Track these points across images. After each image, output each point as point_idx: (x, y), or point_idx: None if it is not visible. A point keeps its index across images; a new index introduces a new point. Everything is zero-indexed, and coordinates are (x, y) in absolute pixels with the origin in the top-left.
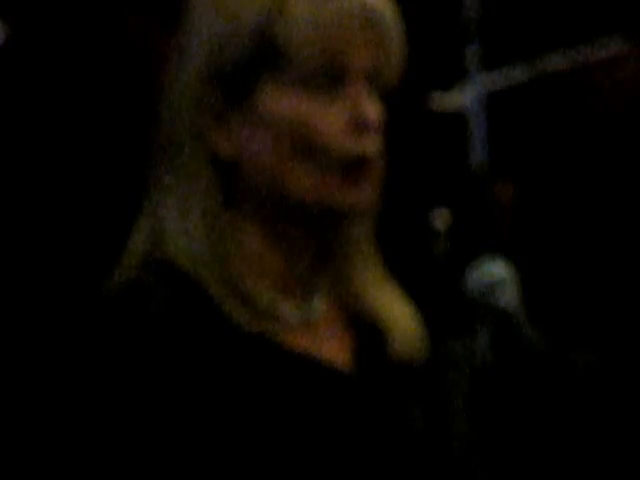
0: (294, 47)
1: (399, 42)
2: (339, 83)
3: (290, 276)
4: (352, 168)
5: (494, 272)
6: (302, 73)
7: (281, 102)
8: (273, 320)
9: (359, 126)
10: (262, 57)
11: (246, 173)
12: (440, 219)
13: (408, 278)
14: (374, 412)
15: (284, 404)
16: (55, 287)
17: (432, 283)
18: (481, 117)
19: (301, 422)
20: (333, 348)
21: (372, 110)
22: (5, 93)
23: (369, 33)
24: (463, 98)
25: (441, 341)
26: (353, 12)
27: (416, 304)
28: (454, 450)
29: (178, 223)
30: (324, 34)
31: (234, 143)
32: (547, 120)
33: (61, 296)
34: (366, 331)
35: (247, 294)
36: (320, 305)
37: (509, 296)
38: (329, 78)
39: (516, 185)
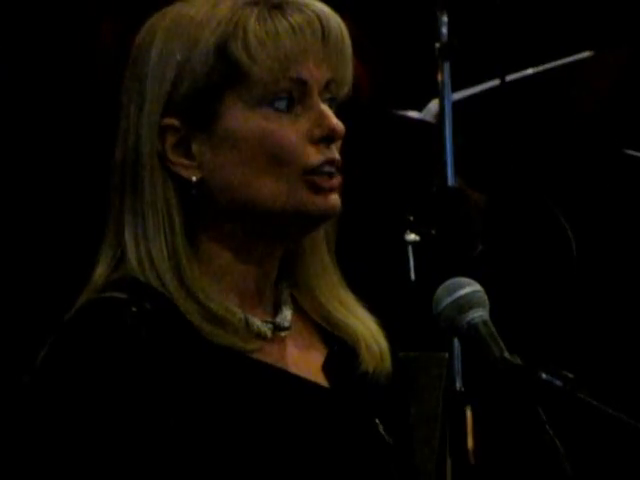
0: (252, 63)
1: (349, 55)
2: (299, 96)
3: (259, 291)
4: (317, 176)
5: (464, 289)
6: (263, 89)
7: (244, 119)
8: (247, 336)
9: (322, 136)
10: (222, 77)
11: (211, 191)
12: (411, 231)
13: (378, 292)
14: (343, 423)
15: (256, 417)
16: (28, 305)
17: (402, 297)
18: (451, 127)
19: (271, 434)
20: (304, 359)
21: (333, 119)
22: None
23: (322, 46)
24: (433, 111)
25: (409, 355)
26: (306, 26)
27: (385, 318)
28: (419, 464)
29: (137, 247)
30: (280, 48)
31: (198, 163)
32: (517, 126)
33: (34, 313)
34: (335, 339)
35: (216, 316)
36: (288, 315)
37: (479, 313)
38: (289, 92)
39: (489, 193)
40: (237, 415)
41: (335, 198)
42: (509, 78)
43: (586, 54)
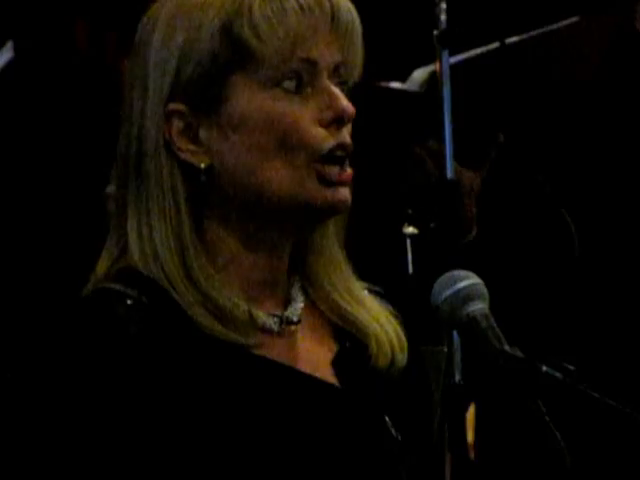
0: (260, 42)
1: (359, 38)
2: (308, 78)
3: (266, 283)
4: (327, 166)
5: (463, 282)
6: (271, 69)
7: (252, 102)
8: (250, 330)
9: (333, 118)
10: (229, 59)
11: (220, 178)
12: (410, 224)
13: (379, 285)
14: (351, 422)
15: (256, 414)
16: (27, 297)
17: (403, 290)
18: (450, 116)
19: (272, 431)
20: (314, 353)
21: (344, 101)
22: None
23: (332, 27)
24: (417, 81)
25: (413, 350)
26: (315, 5)
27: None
28: (428, 459)
29: (141, 238)
30: (288, 26)
31: (206, 149)
32: (511, 96)
33: (33, 305)
34: (345, 334)
35: (221, 308)
36: (298, 308)
37: (478, 306)
38: (298, 72)
39: (484, 176)
40: (236, 412)
41: (345, 192)
42: (490, 47)
43: (572, 20)
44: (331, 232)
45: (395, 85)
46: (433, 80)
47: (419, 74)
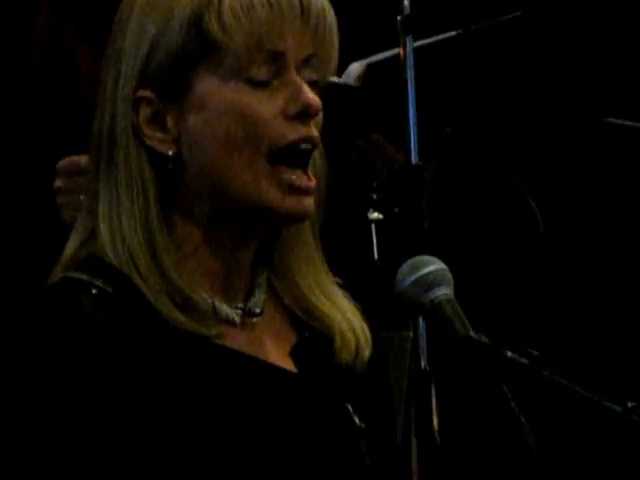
0: (226, 37)
1: (333, 32)
2: (275, 71)
3: (230, 274)
4: (289, 166)
5: (427, 268)
6: (238, 62)
7: (217, 94)
8: (212, 321)
9: (297, 111)
10: (196, 50)
11: (187, 168)
12: (375, 209)
13: (341, 271)
14: (313, 409)
15: (219, 401)
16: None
17: (368, 277)
18: (414, 103)
19: (239, 420)
20: (274, 346)
21: (309, 94)
22: None
23: (302, 21)
24: (354, 75)
25: (378, 337)
26: (282, 0)
27: (355, 300)
28: (393, 448)
29: (110, 222)
30: (255, 21)
31: (173, 137)
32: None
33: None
34: (307, 327)
35: (185, 297)
36: (261, 300)
37: (443, 291)
38: (265, 65)
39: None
40: (199, 401)
41: (308, 202)
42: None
43: (517, 14)
44: (306, 225)
45: (332, 79)
46: (369, 74)
47: (355, 68)
